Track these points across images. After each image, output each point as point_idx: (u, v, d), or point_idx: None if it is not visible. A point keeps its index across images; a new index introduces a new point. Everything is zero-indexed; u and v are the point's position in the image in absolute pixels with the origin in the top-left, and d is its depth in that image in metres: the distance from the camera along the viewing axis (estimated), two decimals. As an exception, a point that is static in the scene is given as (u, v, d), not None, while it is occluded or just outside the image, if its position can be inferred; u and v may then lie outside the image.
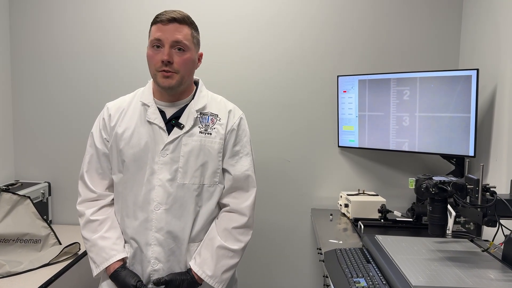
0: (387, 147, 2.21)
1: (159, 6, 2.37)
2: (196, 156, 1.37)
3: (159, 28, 1.32)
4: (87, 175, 1.44)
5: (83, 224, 1.42)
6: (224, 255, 1.38)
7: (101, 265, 1.37)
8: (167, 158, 1.36)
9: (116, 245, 1.38)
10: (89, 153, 1.45)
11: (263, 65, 2.41)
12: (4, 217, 1.93)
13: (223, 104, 1.48)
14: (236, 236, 1.41)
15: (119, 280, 1.35)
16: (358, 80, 2.26)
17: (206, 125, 1.40)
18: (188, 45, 1.34)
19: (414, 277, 1.23)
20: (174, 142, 1.37)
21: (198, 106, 1.42)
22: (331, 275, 1.41)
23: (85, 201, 1.44)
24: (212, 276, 1.37)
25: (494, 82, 1.92)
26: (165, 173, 1.36)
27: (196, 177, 1.37)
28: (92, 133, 1.46)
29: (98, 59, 2.43)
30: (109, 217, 1.42)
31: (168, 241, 1.36)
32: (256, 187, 1.46)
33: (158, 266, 1.37)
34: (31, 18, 2.43)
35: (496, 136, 1.89)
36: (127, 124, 1.40)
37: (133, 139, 1.38)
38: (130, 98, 1.47)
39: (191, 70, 1.39)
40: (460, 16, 2.31)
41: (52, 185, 2.48)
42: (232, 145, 1.43)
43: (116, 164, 1.41)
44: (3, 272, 1.75)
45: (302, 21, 2.38)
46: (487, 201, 1.30)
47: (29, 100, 2.47)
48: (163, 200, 1.35)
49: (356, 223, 2.02)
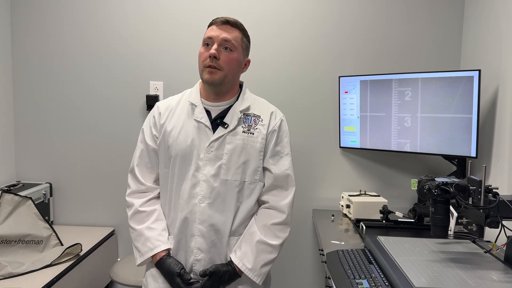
0: (389, 148, 2.21)
1: (162, 9, 2.40)
2: (239, 154, 1.44)
3: (212, 29, 1.43)
4: (137, 169, 1.51)
5: (131, 214, 1.49)
6: (264, 249, 1.44)
7: (145, 254, 1.43)
8: (212, 155, 1.43)
9: (161, 236, 1.45)
10: (139, 148, 1.53)
11: (264, 66, 2.41)
12: (6, 218, 1.93)
13: (265, 106, 1.56)
14: (275, 232, 1.46)
15: (164, 267, 1.41)
16: (360, 81, 2.26)
17: (249, 125, 1.47)
18: (236, 46, 1.42)
19: (416, 278, 1.23)
20: (218, 140, 1.43)
21: (242, 107, 1.49)
22: (333, 277, 1.40)
23: (135, 192, 1.51)
24: (252, 269, 1.42)
25: (496, 83, 1.92)
26: (209, 169, 1.42)
27: (238, 174, 1.44)
28: (143, 130, 1.54)
29: (100, 61, 2.43)
30: (156, 209, 1.49)
31: (210, 233, 1.42)
32: (295, 186, 1.51)
33: (200, 256, 1.43)
34: (33, 19, 2.43)
35: (498, 137, 1.88)
36: (175, 122, 1.47)
37: (181, 136, 1.45)
38: (178, 98, 1.55)
39: (235, 71, 1.46)
40: (461, 17, 2.31)
41: (53, 186, 2.49)
42: (273, 145, 1.49)
43: (164, 159, 1.48)
44: (5, 273, 1.75)
45: (303, 22, 2.38)
46: (490, 202, 1.30)
47: (30, 101, 2.47)
48: (207, 194, 1.42)
49: (358, 224, 2.02)
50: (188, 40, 2.38)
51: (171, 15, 2.39)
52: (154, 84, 2.42)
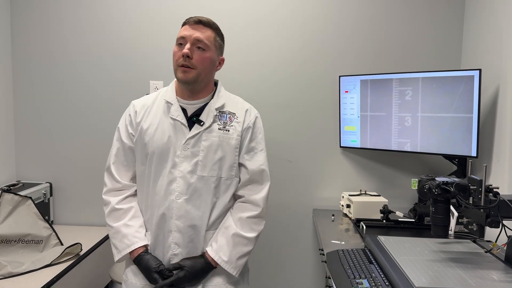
0: (389, 148, 2.21)
1: (163, 9, 2.39)
2: (215, 151, 1.47)
3: (185, 28, 1.46)
4: (114, 167, 1.54)
5: (108, 212, 1.52)
6: (239, 242, 1.47)
7: (122, 251, 1.47)
8: (188, 152, 1.46)
9: (138, 233, 1.48)
10: (115, 147, 1.56)
11: (264, 65, 2.40)
12: (6, 218, 1.92)
13: (240, 103, 1.60)
14: (250, 225, 1.50)
15: (142, 264, 1.45)
16: (360, 80, 2.26)
17: (225, 123, 1.51)
18: (208, 45, 1.45)
19: (417, 278, 1.23)
20: (194, 137, 1.47)
21: (217, 105, 1.52)
22: (333, 276, 1.40)
23: (111, 190, 1.54)
24: (228, 261, 1.46)
25: (497, 82, 1.92)
26: (186, 166, 1.45)
27: (215, 170, 1.48)
28: (119, 128, 1.57)
29: (100, 60, 2.43)
30: (133, 207, 1.52)
31: (187, 229, 1.46)
32: (270, 181, 1.56)
33: (178, 250, 1.46)
34: (33, 19, 2.43)
35: (499, 137, 1.88)
36: (151, 120, 1.50)
37: (157, 134, 1.48)
38: (154, 97, 1.58)
39: (209, 70, 1.49)
40: (462, 16, 2.31)
41: (53, 186, 2.48)
42: (248, 142, 1.54)
43: (141, 157, 1.51)
44: (5, 273, 1.75)
45: (303, 21, 2.38)
46: (490, 202, 1.30)
47: (30, 101, 2.47)
48: (184, 190, 1.45)
49: (358, 223, 2.02)
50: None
51: (171, 15, 2.38)
52: (154, 83, 2.42)
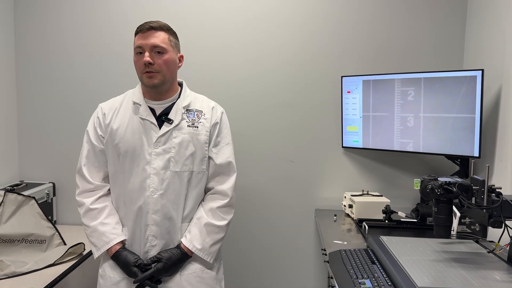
0: (391, 148, 2.21)
1: (163, 9, 2.40)
2: (186, 147, 1.55)
3: (139, 37, 1.52)
4: (85, 168, 1.59)
5: (83, 212, 1.57)
6: (211, 231, 1.56)
7: (102, 248, 1.53)
8: (160, 149, 1.53)
9: (115, 230, 1.55)
10: (86, 149, 1.61)
11: (266, 65, 2.41)
12: (9, 218, 1.93)
13: (206, 102, 1.68)
14: (220, 214, 1.59)
15: (120, 259, 1.51)
16: (362, 81, 2.26)
17: (193, 120, 1.59)
18: (165, 48, 1.52)
19: (419, 278, 1.23)
20: (165, 135, 1.54)
21: (184, 103, 1.60)
22: (336, 276, 1.40)
23: (84, 192, 1.59)
24: (202, 249, 1.54)
25: (499, 83, 1.91)
26: (158, 163, 1.52)
27: (187, 165, 1.56)
28: (88, 131, 1.62)
29: (103, 61, 2.43)
30: (107, 205, 1.58)
31: (164, 222, 1.54)
32: (236, 172, 1.65)
33: (155, 242, 1.54)
34: (36, 19, 2.44)
35: (501, 137, 1.88)
36: (121, 121, 1.57)
37: (128, 134, 1.54)
38: (121, 99, 1.64)
39: (172, 70, 1.56)
40: (464, 16, 2.30)
41: (56, 186, 2.49)
42: (215, 137, 1.63)
43: (112, 157, 1.57)
44: (8, 273, 1.76)
45: (304, 21, 2.38)
46: (493, 202, 1.30)
47: (33, 101, 2.48)
48: (158, 186, 1.52)
49: (361, 223, 2.02)
50: (188, 38, 2.37)
51: (171, 14, 2.38)
52: (156, 84, 2.42)
